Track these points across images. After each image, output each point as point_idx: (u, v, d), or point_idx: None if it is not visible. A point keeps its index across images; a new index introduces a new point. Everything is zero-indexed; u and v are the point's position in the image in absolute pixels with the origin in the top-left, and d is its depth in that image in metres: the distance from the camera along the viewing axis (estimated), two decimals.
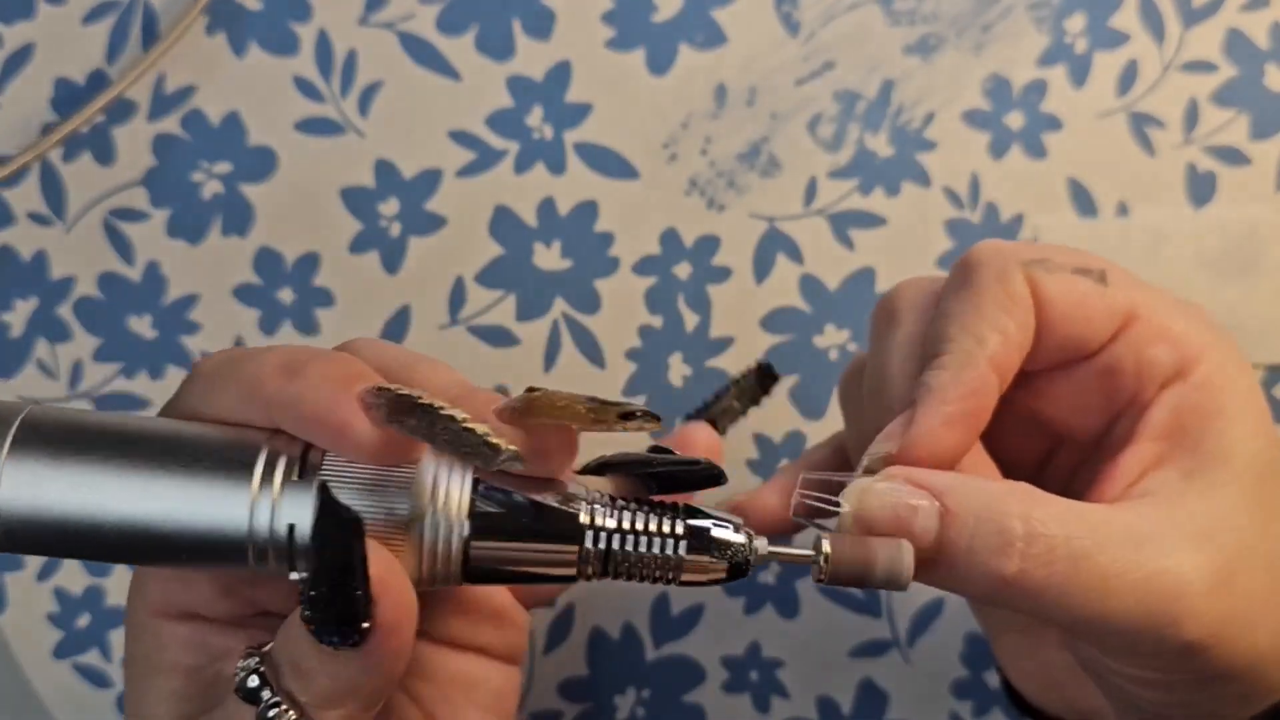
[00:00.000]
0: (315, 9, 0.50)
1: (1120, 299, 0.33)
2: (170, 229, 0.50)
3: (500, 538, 0.27)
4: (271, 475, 0.27)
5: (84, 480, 0.26)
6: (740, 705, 0.49)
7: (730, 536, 0.28)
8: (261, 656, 0.27)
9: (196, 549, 0.27)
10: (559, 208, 0.50)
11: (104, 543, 0.27)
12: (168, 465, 0.27)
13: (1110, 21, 0.50)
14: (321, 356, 0.27)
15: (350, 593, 0.25)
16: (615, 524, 0.28)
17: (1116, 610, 0.29)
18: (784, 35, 0.50)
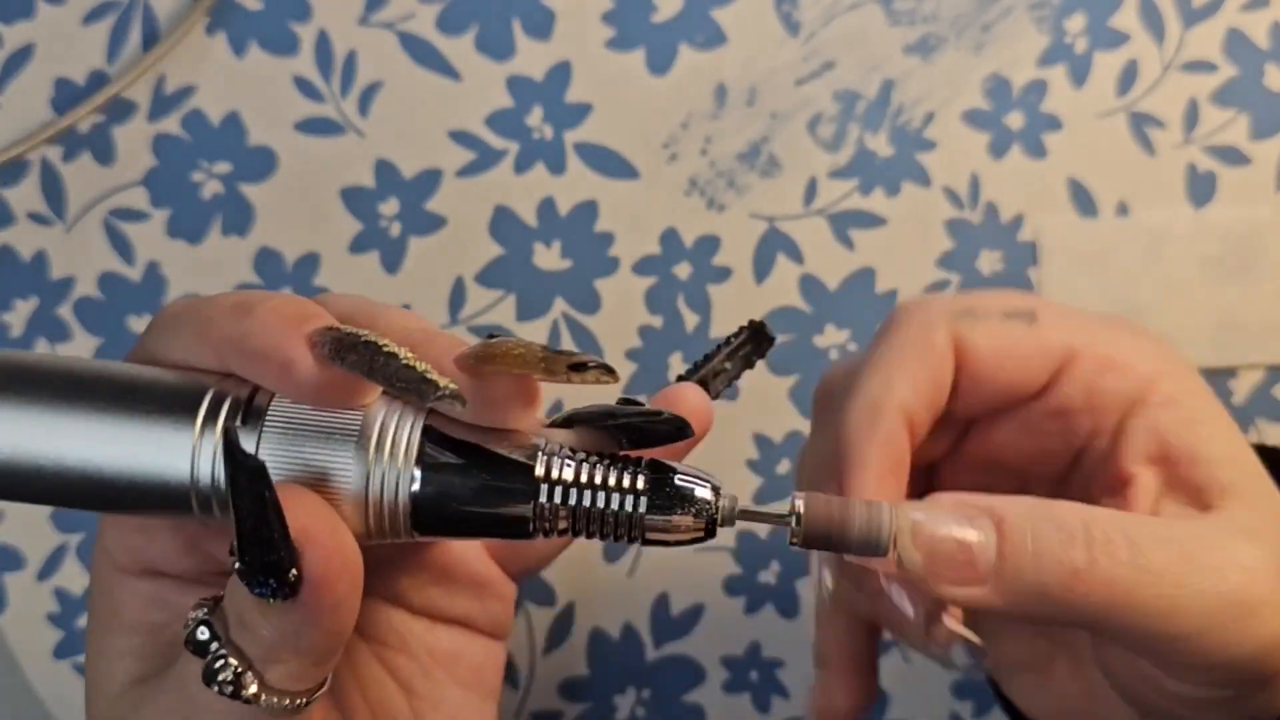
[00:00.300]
0: (315, 9, 0.50)
1: (1054, 338, 0.33)
2: (170, 229, 0.50)
3: (451, 488, 0.26)
4: (215, 419, 0.26)
5: (28, 421, 0.26)
6: (740, 705, 0.49)
7: (698, 492, 0.26)
8: (211, 608, 0.26)
9: (141, 496, 0.26)
10: (559, 208, 0.50)
11: (47, 486, 0.26)
12: (114, 409, 0.26)
13: (1110, 21, 0.50)
14: (273, 297, 0.26)
15: (271, 542, 0.24)
16: (573, 476, 0.26)
17: (1189, 609, 0.29)
18: (784, 35, 0.50)
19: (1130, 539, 0.30)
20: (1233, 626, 0.30)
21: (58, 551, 0.50)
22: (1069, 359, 0.33)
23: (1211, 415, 0.33)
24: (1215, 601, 0.29)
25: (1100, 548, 0.29)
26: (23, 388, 0.26)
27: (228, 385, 0.26)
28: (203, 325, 0.27)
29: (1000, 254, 0.50)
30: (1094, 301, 0.49)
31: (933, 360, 0.33)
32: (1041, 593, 0.29)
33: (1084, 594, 0.29)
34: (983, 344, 0.33)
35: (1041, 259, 0.50)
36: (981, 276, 0.50)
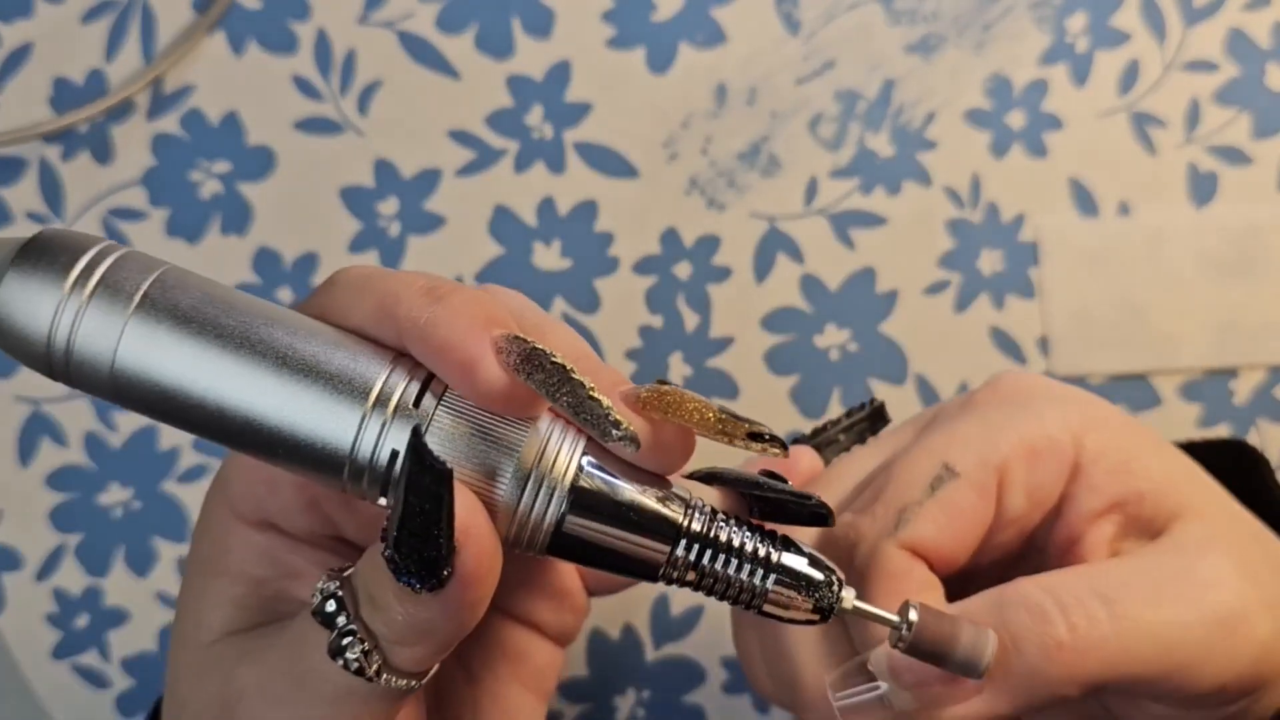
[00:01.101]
0: (314, 8, 0.50)
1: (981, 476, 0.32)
2: (169, 228, 0.50)
3: (596, 519, 0.27)
4: (388, 400, 0.26)
5: (203, 357, 0.26)
6: (740, 706, 0.49)
7: (821, 579, 0.27)
8: (342, 581, 0.26)
9: (295, 453, 0.26)
10: (559, 207, 0.50)
11: (206, 421, 0.26)
12: (289, 363, 0.26)
13: (1111, 21, 0.49)
14: (465, 290, 0.26)
15: (433, 539, 0.24)
16: (713, 536, 0.27)
17: (1181, 642, 0.29)
18: (784, 34, 0.50)
19: (1099, 593, 0.30)
20: (1225, 643, 0.30)
21: (56, 552, 0.50)
22: (1002, 476, 0.32)
23: (1141, 448, 0.33)
24: (1202, 628, 0.29)
25: (1075, 613, 0.29)
26: (205, 321, 0.26)
27: (404, 364, 0.27)
28: (389, 300, 0.27)
29: (1001, 254, 0.50)
30: (1095, 302, 0.49)
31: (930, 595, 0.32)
32: (1036, 678, 0.29)
33: (1078, 664, 0.29)
34: (929, 535, 0.32)
35: (1042, 259, 0.49)
36: (982, 276, 0.50)
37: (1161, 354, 0.49)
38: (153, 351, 0.26)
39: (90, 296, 0.26)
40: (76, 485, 0.50)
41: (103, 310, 0.26)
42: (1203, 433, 0.49)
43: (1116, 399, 0.49)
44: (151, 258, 0.27)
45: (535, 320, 0.28)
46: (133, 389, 0.26)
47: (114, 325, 0.26)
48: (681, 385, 0.27)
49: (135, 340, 0.26)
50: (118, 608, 0.50)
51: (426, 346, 0.26)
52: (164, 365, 0.26)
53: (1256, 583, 0.30)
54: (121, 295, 0.26)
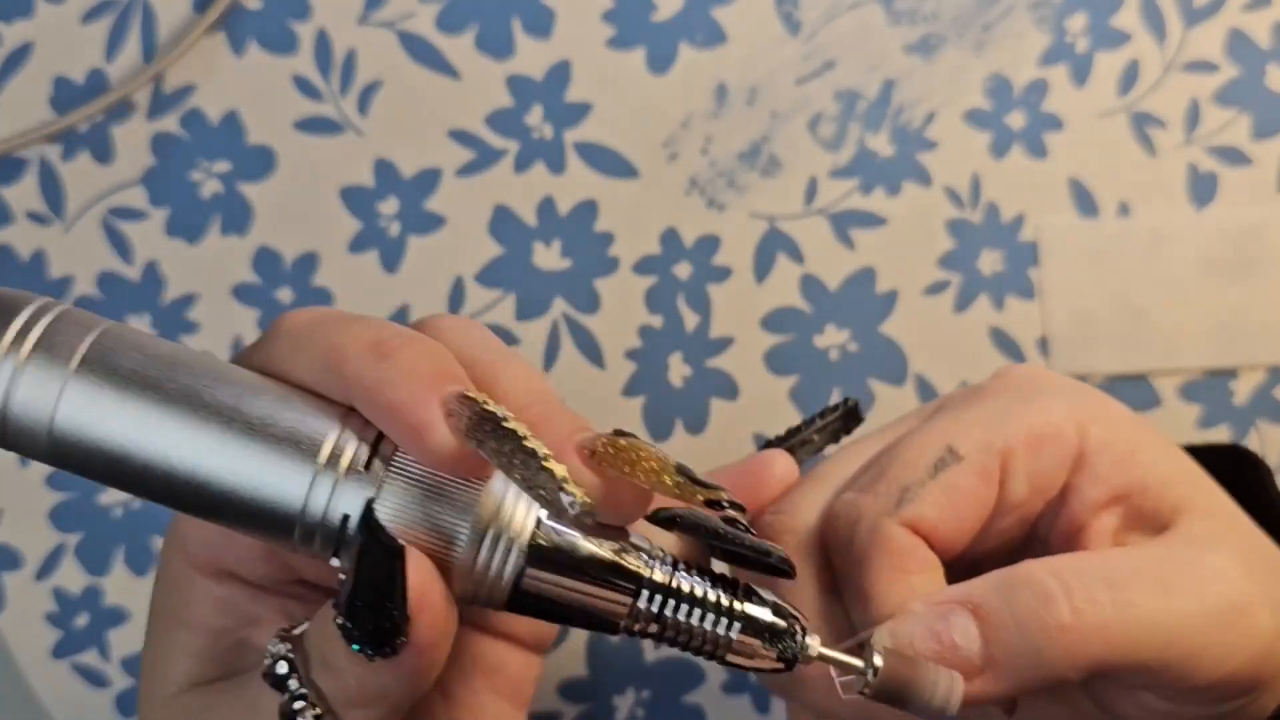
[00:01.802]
0: (315, 8, 0.50)
1: (985, 459, 0.32)
2: (169, 228, 0.50)
3: (555, 575, 0.26)
4: (337, 461, 0.26)
5: (146, 419, 0.25)
6: (740, 706, 0.49)
7: (784, 627, 0.27)
8: (293, 642, 0.26)
9: (243, 515, 0.26)
10: (559, 207, 0.50)
11: (150, 484, 0.26)
12: (236, 424, 0.25)
13: (1111, 21, 0.49)
14: (412, 344, 0.26)
15: (387, 611, 0.24)
16: (674, 587, 0.27)
17: (1183, 632, 0.29)
18: (784, 34, 0.50)
19: (1105, 577, 0.30)
20: (1226, 636, 0.30)
21: (56, 551, 0.50)
22: (1004, 461, 0.32)
23: (1146, 442, 0.33)
24: (1204, 619, 0.29)
25: (1079, 596, 0.29)
26: (149, 381, 0.25)
27: (353, 421, 0.26)
28: (334, 356, 0.26)
29: (1001, 254, 0.50)
30: (1095, 302, 0.49)
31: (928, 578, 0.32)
32: (1038, 659, 0.29)
33: (1079, 646, 0.29)
34: (930, 515, 0.32)
35: (1042, 259, 0.49)
36: (982, 277, 0.49)
37: (1161, 354, 0.49)
38: (94, 414, 0.25)
39: (26, 359, 0.25)
40: (76, 484, 0.50)
41: (40, 372, 0.25)
42: (1203, 433, 0.49)
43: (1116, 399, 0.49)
44: (91, 316, 0.26)
45: (489, 359, 0.28)
46: (73, 453, 0.25)
47: (52, 388, 0.25)
48: (681, 384, 0.27)
49: (75, 403, 0.25)
50: (117, 607, 0.50)
51: (375, 408, 0.25)
52: (106, 428, 0.25)
53: (1259, 580, 0.30)
54: (60, 356, 0.25)
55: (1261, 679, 0.30)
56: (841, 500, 0.33)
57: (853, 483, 0.34)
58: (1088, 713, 0.33)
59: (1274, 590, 0.31)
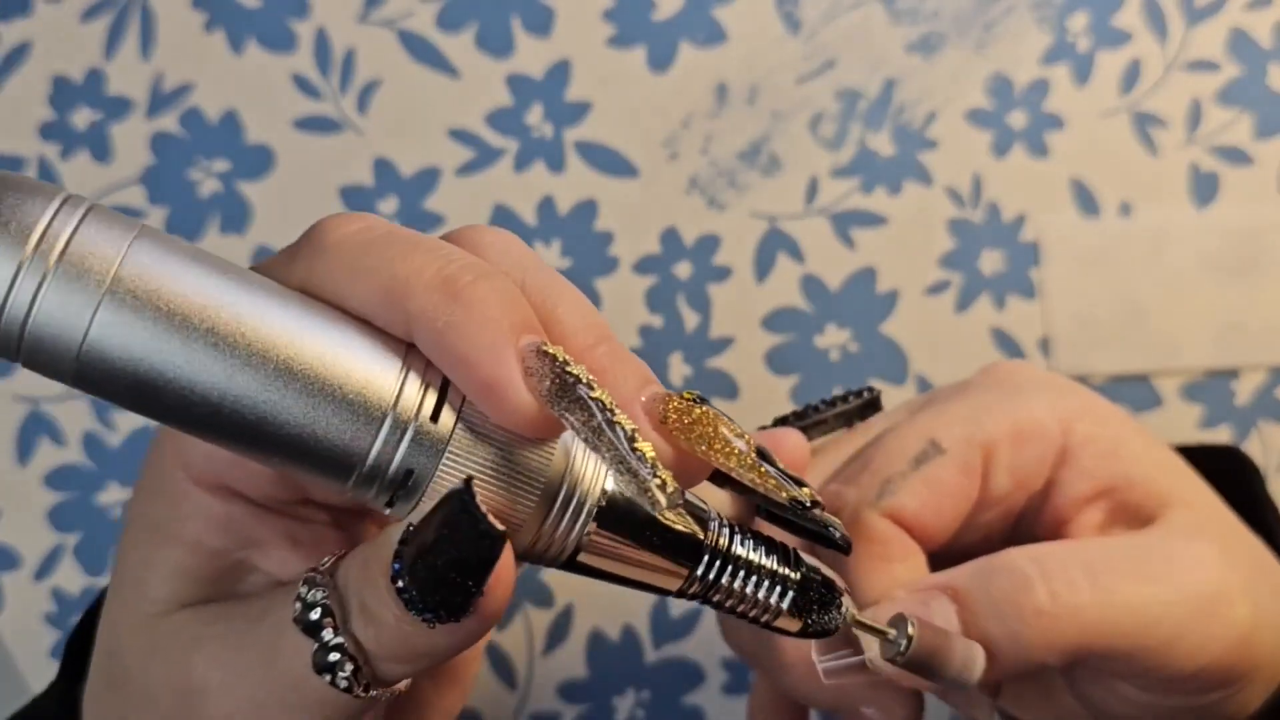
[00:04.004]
0: (314, 7, 0.50)
1: (967, 452, 0.32)
2: (168, 227, 0.50)
3: (619, 539, 0.25)
4: (405, 412, 0.24)
5: (192, 346, 0.22)
6: (740, 707, 0.49)
7: (836, 598, 0.27)
8: (327, 588, 0.24)
9: (298, 457, 0.24)
10: (558, 206, 0.50)
11: (190, 416, 0.23)
12: (296, 365, 0.23)
13: (1113, 20, 0.49)
14: (483, 282, 0.24)
15: (462, 585, 0.23)
16: (734, 554, 0.26)
17: (1160, 619, 0.29)
18: (785, 33, 0.50)
19: (1084, 563, 0.30)
20: (1204, 625, 0.30)
21: (55, 552, 0.50)
22: (987, 456, 0.33)
23: (1130, 437, 0.33)
24: (1182, 607, 0.30)
25: (1058, 580, 0.30)
26: (192, 308, 0.23)
27: (417, 361, 0.24)
28: (398, 289, 0.24)
29: (1002, 254, 0.49)
30: (1096, 302, 0.49)
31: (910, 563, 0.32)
32: (1015, 643, 0.29)
33: (1056, 631, 0.29)
34: (911, 506, 0.32)
35: (1043, 259, 0.49)
36: (983, 276, 0.49)
37: (1162, 354, 0.49)
38: (131, 339, 0.22)
39: (54, 267, 0.21)
40: (75, 484, 0.50)
41: (69, 285, 0.22)
42: (1204, 433, 0.49)
43: (1117, 399, 0.49)
44: (122, 217, 0.23)
45: (541, 285, 0.26)
46: (103, 379, 0.22)
47: (83, 307, 0.22)
48: (681, 384, 0.27)
49: (110, 326, 0.22)
50: None
51: (446, 356, 0.24)
52: (143, 355, 0.22)
53: (1239, 572, 0.31)
54: (91, 267, 0.22)
55: (1240, 671, 0.30)
56: (826, 491, 0.33)
57: (838, 475, 0.34)
58: (1070, 708, 0.33)
59: (1253, 583, 0.31)
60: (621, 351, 0.25)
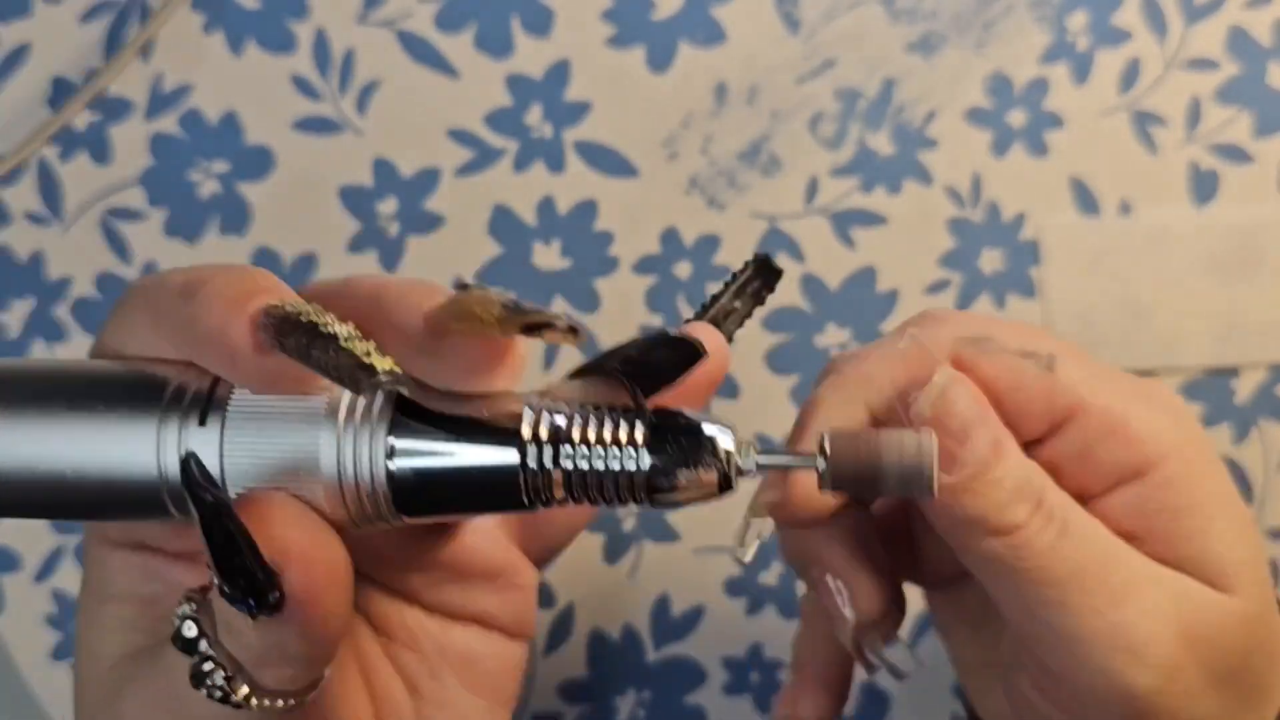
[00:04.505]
0: (313, 7, 0.50)
1: (1065, 389, 0.31)
2: (168, 228, 0.50)
3: (427, 462, 0.24)
4: (174, 414, 0.24)
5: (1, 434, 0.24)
6: (741, 707, 0.49)
7: (706, 441, 0.23)
8: (200, 601, 0.24)
9: (113, 501, 0.24)
10: (558, 207, 0.50)
11: (20, 497, 0.25)
12: (76, 410, 0.24)
13: (1112, 19, 0.49)
14: (221, 273, 0.24)
15: (245, 570, 0.22)
16: (564, 434, 0.23)
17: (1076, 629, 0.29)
18: (784, 33, 0.50)
19: (1069, 524, 0.29)
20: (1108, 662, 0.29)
21: (55, 553, 0.50)
22: (1074, 414, 0.31)
23: (1211, 508, 0.30)
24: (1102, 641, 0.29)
25: (1041, 514, 0.29)
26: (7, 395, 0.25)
27: (189, 376, 0.24)
28: (155, 313, 0.25)
29: (1002, 253, 0.49)
30: (1096, 301, 0.49)
31: (918, 368, 0.30)
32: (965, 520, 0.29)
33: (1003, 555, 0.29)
34: (986, 375, 0.30)
35: (1043, 258, 0.49)
36: (983, 276, 0.49)
37: (1163, 353, 0.49)
38: None
39: None
40: None
41: None
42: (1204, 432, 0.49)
43: None
44: None
45: (332, 288, 0.26)
46: None
47: None
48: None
49: None
50: None
51: (193, 347, 0.24)
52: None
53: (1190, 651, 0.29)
54: None
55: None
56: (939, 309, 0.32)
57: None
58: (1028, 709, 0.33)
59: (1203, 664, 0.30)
60: (414, 283, 0.25)
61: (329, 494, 0.24)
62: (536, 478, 0.24)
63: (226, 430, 0.24)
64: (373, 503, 0.24)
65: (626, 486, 0.24)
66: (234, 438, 0.24)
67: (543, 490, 0.24)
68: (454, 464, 0.24)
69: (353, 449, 0.24)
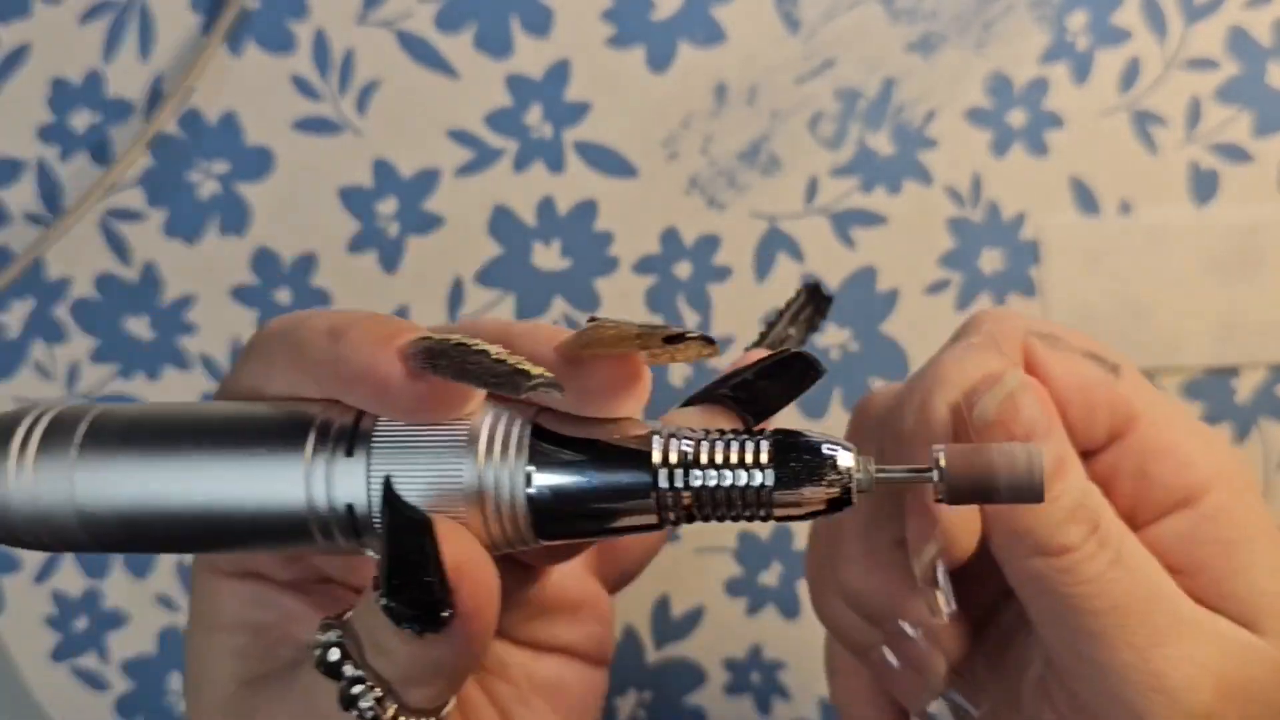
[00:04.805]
0: (313, 7, 0.50)
1: (1128, 399, 0.30)
2: (167, 229, 0.50)
3: (565, 485, 0.25)
4: (323, 449, 0.25)
5: (149, 472, 0.26)
6: (742, 707, 0.49)
7: (827, 460, 0.25)
8: (342, 628, 0.26)
9: (263, 532, 0.26)
10: (558, 207, 0.50)
11: (176, 532, 0.26)
12: (225, 448, 0.26)
13: (1112, 19, 0.49)
14: (367, 317, 0.26)
15: (427, 586, 0.24)
16: (692, 458, 0.25)
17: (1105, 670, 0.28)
18: (784, 33, 0.50)
19: (1122, 554, 0.28)
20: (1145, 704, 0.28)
21: (55, 553, 0.50)
22: (1132, 427, 0.30)
23: (1258, 545, 0.30)
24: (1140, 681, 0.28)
25: (1095, 539, 0.28)
26: (142, 441, 0.26)
27: (333, 412, 0.26)
28: (298, 354, 0.26)
29: (1002, 253, 0.49)
30: (1096, 301, 0.49)
31: (987, 364, 0.30)
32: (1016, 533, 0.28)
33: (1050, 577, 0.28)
34: (1056, 373, 0.30)
35: (1043, 258, 0.49)
36: (983, 275, 0.49)
37: (1163, 353, 0.49)
38: (104, 480, 0.26)
39: (35, 461, 0.26)
40: None
41: (51, 466, 0.26)
42: None
43: None
44: (85, 406, 0.28)
45: (493, 327, 0.27)
46: (100, 521, 0.26)
47: (64, 473, 0.26)
48: (682, 385, 0.26)
49: (88, 482, 0.26)
50: (117, 610, 0.50)
51: (340, 384, 0.25)
52: (119, 495, 0.26)
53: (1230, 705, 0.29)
54: (63, 448, 0.26)
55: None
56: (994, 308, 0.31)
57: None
58: None
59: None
60: (537, 325, 0.26)
61: (472, 517, 0.25)
62: (667, 498, 0.25)
63: (373, 460, 0.25)
64: (513, 525, 0.25)
65: (753, 503, 0.25)
66: (380, 466, 0.25)
67: (673, 510, 0.25)
68: (589, 486, 0.25)
69: (494, 473, 0.25)
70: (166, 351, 0.50)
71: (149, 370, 0.50)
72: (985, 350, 0.30)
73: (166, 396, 0.50)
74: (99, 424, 0.27)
